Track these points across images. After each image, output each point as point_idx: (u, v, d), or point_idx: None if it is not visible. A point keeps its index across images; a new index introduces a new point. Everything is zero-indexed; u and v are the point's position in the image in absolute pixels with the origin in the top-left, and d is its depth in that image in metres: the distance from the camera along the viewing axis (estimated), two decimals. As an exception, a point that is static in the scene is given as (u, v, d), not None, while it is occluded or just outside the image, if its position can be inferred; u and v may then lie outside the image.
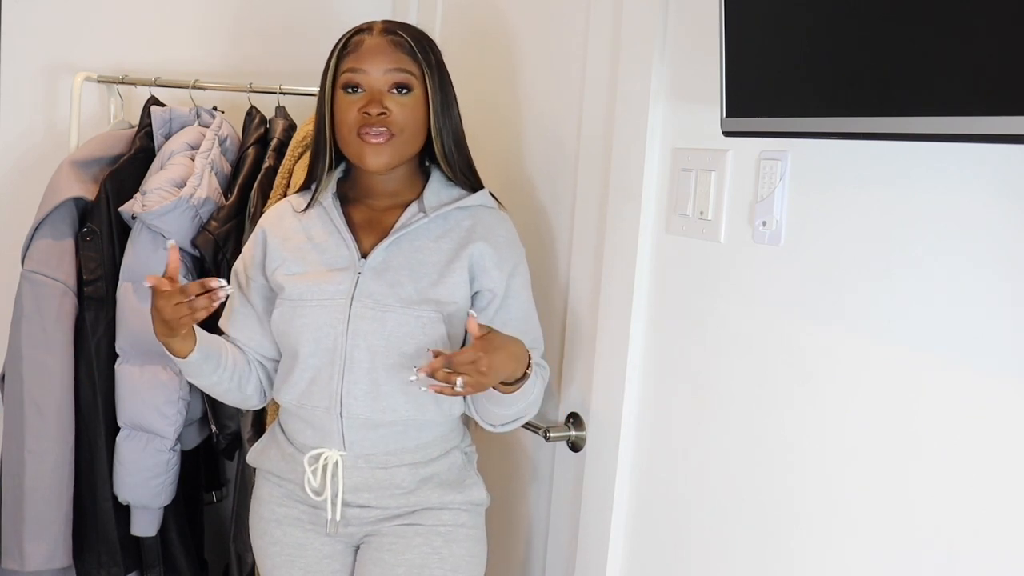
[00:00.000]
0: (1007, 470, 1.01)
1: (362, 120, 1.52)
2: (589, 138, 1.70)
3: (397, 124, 1.53)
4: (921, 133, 0.93)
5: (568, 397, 1.75)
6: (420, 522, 1.58)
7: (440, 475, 1.60)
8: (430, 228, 1.59)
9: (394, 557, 1.57)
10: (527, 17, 1.91)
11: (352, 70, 1.53)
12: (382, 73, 1.53)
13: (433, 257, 1.56)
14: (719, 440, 1.40)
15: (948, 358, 1.07)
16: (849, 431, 1.19)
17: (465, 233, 1.58)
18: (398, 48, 1.54)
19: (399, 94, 1.53)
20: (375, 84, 1.53)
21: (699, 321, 1.44)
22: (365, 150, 1.53)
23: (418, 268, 1.55)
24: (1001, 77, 0.84)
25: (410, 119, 1.54)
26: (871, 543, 1.17)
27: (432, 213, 1.58)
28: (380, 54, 1.53)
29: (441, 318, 1.53)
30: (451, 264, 1.55)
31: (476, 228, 1.59)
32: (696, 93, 1.45)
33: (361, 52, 1.54)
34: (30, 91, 2.26)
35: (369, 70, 1.53)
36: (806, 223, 1.26)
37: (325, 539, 1.62)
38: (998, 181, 1.02)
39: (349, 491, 1.57)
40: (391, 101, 1.53)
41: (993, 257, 1.03)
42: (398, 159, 1.56)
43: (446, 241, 1.58)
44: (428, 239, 1.58)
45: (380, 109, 1.51)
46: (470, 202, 1.61)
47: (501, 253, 1.59)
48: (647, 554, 1.56)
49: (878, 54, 0.97)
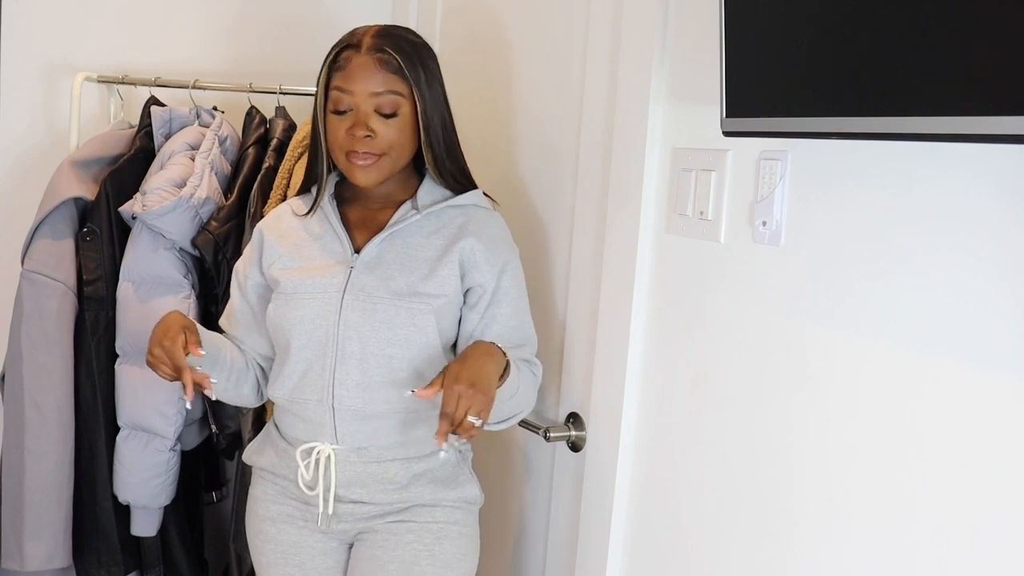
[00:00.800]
0: (1007, 470, 1.01)
1: (349, 142, 1.54)
2: (589, 138, 1.70)
3: (383, 145, 1.55)
4: (921, 133, 0.93)
5: (568, 397, 1.75)
6: (413, 519, 1.59)
7: (433, 471, 1.61)
8: (423, 225, 1.61)
9: (386, 554, 1.58)
10: (527, 17, 1.91)
11: (339, 89, 1.54)
12: (367, 96, 1.53)
13: (424, 252, 1.58)
14: (719, 440, 1.40)
15: (948, 358, 1.07)
16: (849, 430, 1.19)
17: (457, 230, 1.60)
18: (385, 67, 1.53)
19: (385, 118, 1.54)
20: (361, 106, 1.53)
21: (699, 321, 1.44)
22: (354, 171, 1.56)
23: (410, 263, 1.57)
24: (1001, 77, 0.84)
25: (396, 139, 1.56)
26: (871, 542, 1.17)
27: (424, 210, 1.60)
28: (366, 76, 1.53)
29: (431, 310, 1.55)
30: (442, 259, 1.57)
31: (468, 225, 1.60)
32: (696, 93, 1.45)
33: (348, 72, 1.53)
34: (30, 91, 2.26)
35: (355, 91, 1.53)
36: (806, 223, 1.26)
37: (319, 536, 1.63)
38: (998, 181, 1.02)
39: (342, 485, 1.58)
40: (377, 123, 1.54)
41: (993, 257, 1.03)
42: (387, 175, 1.59)
43: (438, 237, 1.60)
44: (420, 236, 1.60)
45: (365, 132, 1.53)
46: (462, 200, 1.63)
47: (492, 249, 1.60)
48: (647, 554, 1.56)
49: (878, 54, 0.97)
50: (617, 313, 1.59)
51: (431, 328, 1.55)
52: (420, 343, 1.55)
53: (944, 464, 1.08)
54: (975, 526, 1.04)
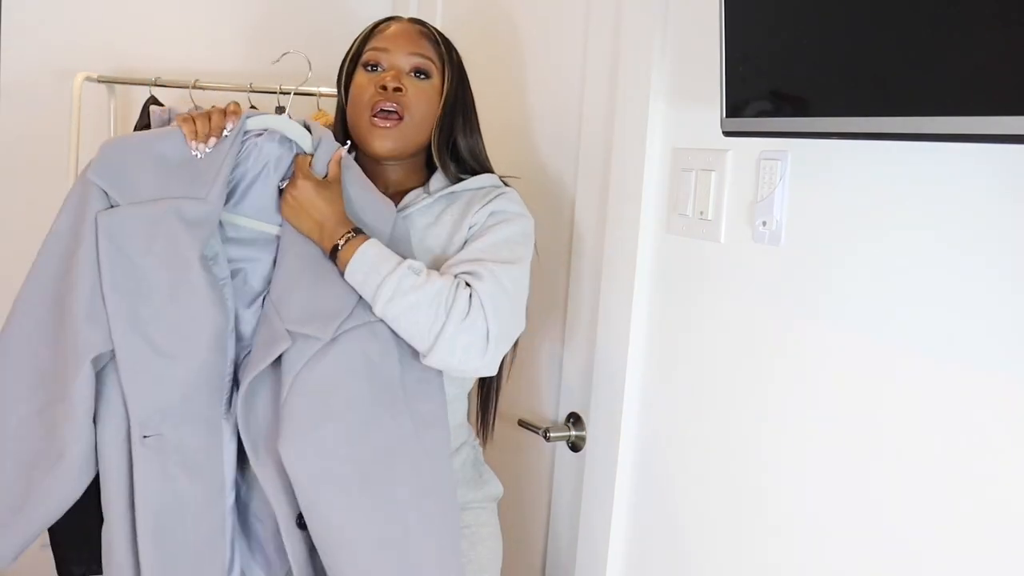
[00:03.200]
0: (1008, 471, 1.01)
1: (378, 95, 1.53)
2: (589, 138, 1.70)
3: (409, 105, 1.54)
4: (921, 133, 0.93)
5: (568, 397, 1.75)
6: None
7: (457, 472, 1.60)
8: (432, 208, 1.55)
9: None
10: (527, 17, 1.91)
11: (376, 49, 1.56)
12: (405, 54, 1.55)
13: (435, 230, 1.53)
14: (719, 440, 1.40)
15: (949, 358, 1.07)
16: (849, 431, 1.19)
17: (466, 205, 1.54)
18: (423, 37, 1.58)
19: (417, 78, 1.55)
20: (396, 63, 1.55)
21: (699, 321, 1.44)
22: (373, 133, 1.53)
23: (420, 244, 1.52)
24: (1001, 77, 0.84)
25: (423, 103, 1.55)
26: (872, 542, 1.17)
27: (436, 194, 1.55)
28: (405, 38, 1.57)
29: None
30: (453, 237, 1.52)
31: (476, 201, 1.54)
32: (696, 93, 1.45)
33: (387, 35, 1.57)
34: (30, 91, 2.25)
35: (392, 50, 1.55)
36: (806, 223, 1.26)
37: None
38: (998, 181, 1.02)
39: None
40: (409, 81, 1.54)
41: (994, 257, 1.03)
42: (403, 145, 1.54)
43: (447, 215, 1.54)
44: (431, 217, 1.54)
45: (397, 84, 1.53)
46: (474, 183, 1.57)
47: (497, 207, 1.52)
48: (647, 554, 1.56)
49: (878, 54, 0.97)
50: (617, 313, 1.59)
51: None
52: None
53: (945, 464, 1.08)
54: (976, 527, 1.04)
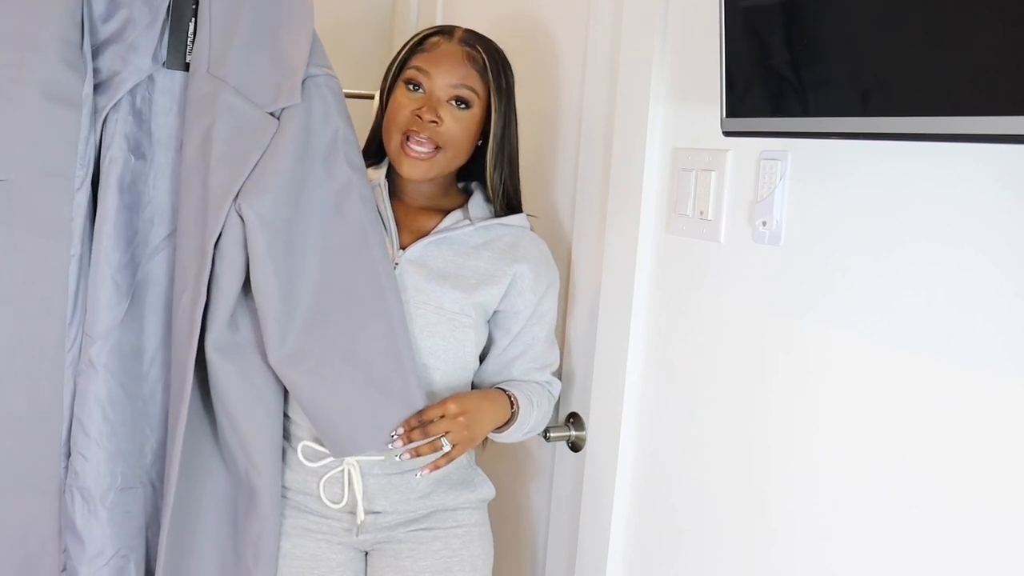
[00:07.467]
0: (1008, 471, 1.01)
1: (413, 122, 1.51)
2: (589, 138, 1.70)
3: (445, 137, 1.52)
4: (921, 133, 0.93)
5: (568, 397, 1.75)
6: (437, 526, 1.58)
7: (451, 475, 1.60)
8: (472, 236, 1.58)
9: (415, 563, 1.57)
10: (527, 17, 1.91)
11: (419, 69, 1.52)
12: (447, 84, 1.51)
13: (473, 264, 1.56)
14: (719, 440, 1.40)
15: (950, 358, 1.07)
16: (849, 431, 1.19)
17: (507, 248, 1.58)
18: (471, 63, 1.53)
19: (458, 107, 1.52)
20: (437, 91, 1.52)
21: (699, 321, 1.44)
22: (403, 159, 1.52)
23: (456, 272, 1.54)
24: (1001, 77, 0.84)
25: (460, 136, 1.53)
26: (872, 543, 1.17)
27: (478, 223, 1.57)
28: (452, 63, 1.52)
29: (471, 323, 1.54)
30: (493, 276, 1.55)
31: (518, 247, 1.59)
32: (696, 93, 1.45)
33: (434, 55, 1.53)
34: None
35: (435, 75, 1.51)
36: (806, 223, 1.26)
37: (337, 547, 1.59)
38: (998, 181, 1.02)
39: (364, 499, 1.55)
40: (447, 112, 1.51)
41: (994, 256, 1.03)
42: (434, 173, 1.55)
43: (487, 250, 1.57)
44: (468, 246, 1.57)
45: (433, 117, 1.50)
46: (513, 221, 1.61)
47: (537, 275, 1.59)
48: (647, 554, 1.56)
49: (878, 54, 0.97)
50: (617, 313, 1.59)
51: (469, 342, 1.54)
52: (457, 355, 1.54)
53: (944, 464, 1.08)
54: (976, 528, 1.04)
